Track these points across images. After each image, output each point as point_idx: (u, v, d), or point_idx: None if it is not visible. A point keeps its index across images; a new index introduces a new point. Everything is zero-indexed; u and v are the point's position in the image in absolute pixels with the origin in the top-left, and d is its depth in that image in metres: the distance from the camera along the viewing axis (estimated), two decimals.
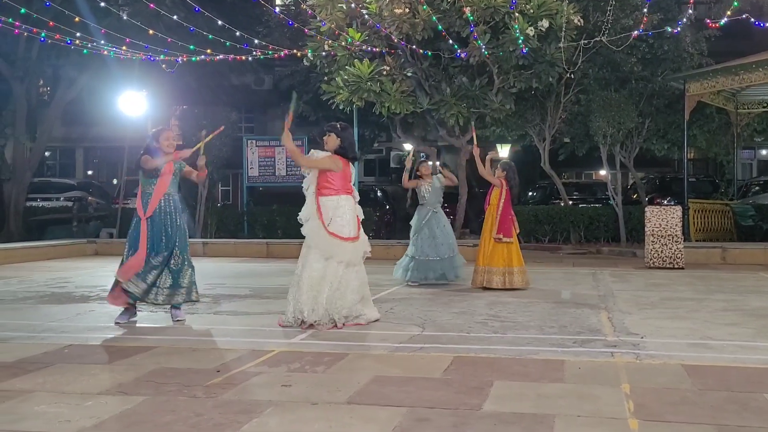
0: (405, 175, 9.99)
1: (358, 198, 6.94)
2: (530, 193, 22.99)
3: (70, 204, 20.28)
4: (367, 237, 6.95)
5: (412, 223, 10.08)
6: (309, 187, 6.72)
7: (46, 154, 27.15)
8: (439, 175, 10.13)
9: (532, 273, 11.57)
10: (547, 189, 21.43)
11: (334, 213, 6.59)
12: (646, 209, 12.74)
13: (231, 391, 4.46)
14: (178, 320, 6.92)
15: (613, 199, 16.76)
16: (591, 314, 7.36)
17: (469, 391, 4.44)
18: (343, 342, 5.95)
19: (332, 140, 6.74)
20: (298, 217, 6.79)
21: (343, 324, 6.52)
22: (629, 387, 4.52)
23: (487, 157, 9.95)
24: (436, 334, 6.33)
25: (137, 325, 6.93)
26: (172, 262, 6.83)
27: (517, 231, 9.57)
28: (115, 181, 26.66)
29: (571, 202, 18.81)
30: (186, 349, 5.73)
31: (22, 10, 11.83)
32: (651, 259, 12.27)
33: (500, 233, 9.24)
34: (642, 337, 6.14)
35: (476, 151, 9.70)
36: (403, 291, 9.29)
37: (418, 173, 10.03)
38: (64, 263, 13.49)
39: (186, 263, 6.92)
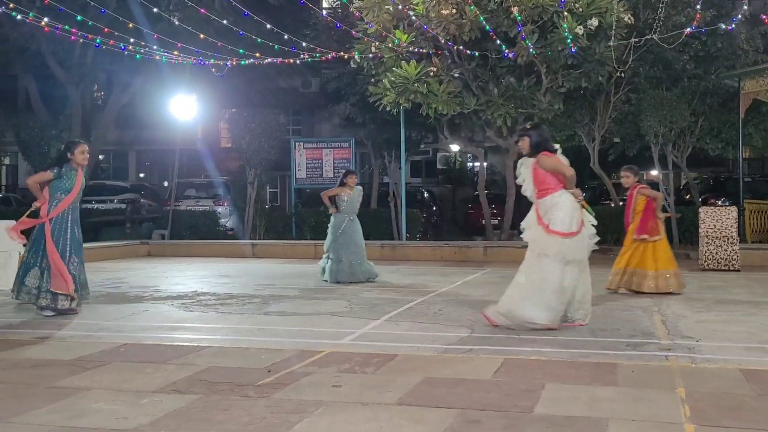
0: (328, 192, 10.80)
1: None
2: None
3: (123, 206, 20.74)
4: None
5: (329, 227, 10.70)
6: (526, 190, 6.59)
7: (100, 157, 27.78)
8: (359, 187, 10.87)
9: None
10: (596, 190, 21.16)
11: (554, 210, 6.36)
12: (700, 210, 12.47)
13: (282, 390, 4.51)
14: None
15: (666, 199, 16.43)
16: (644, 317, 7.23)
17: (519, 393, 4.41)
18: (392, 343, 5.96)
19: (525, 143, 6.55)
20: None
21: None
22: (685, 391, 4.43)
23: None
24: (485, 335, 6.30)
25: (189, 324, 7.05)
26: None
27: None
28: (166, 184, 27.18)
29: (621, 203, 18.50)
30: (237, 348, 5.81)
31: (78, 18, 12.14)
32: (705, 261, 12.00)
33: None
34: (697, 341, 6.02)
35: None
36: (451, 292, 9.27)
37: (344, 181, 10.66)
38: (118, 264, 13.80)
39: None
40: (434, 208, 23.19)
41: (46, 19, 11.67)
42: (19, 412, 4.10)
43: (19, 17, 11.89)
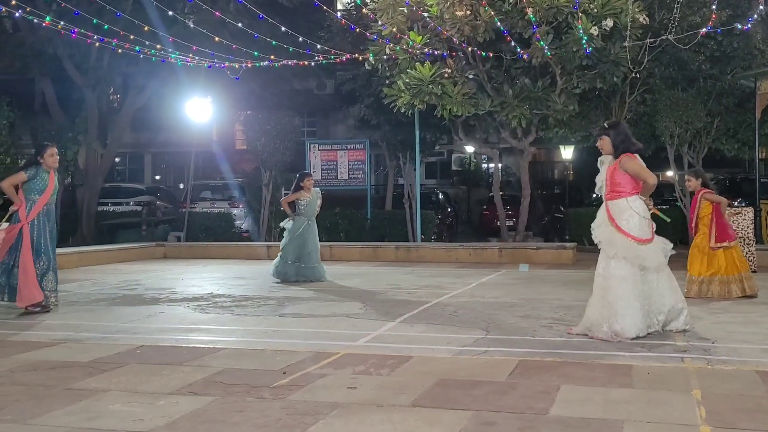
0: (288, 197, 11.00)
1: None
2: (594, 195, 22.59)
3: (139, 208, 20.88)
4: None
5: (287, 229, 10.98)
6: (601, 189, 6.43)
7: (116, 159, 27.98)
8: (317, 189, 11.26)
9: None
10: None
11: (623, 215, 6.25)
12: None
13: (297, 392, 4.53)
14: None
15: (681, 200, 16.34)
16: None
17: (535, 395, 4.40)
18: (406, 345, 5.97)
19: (606, 143, 6.39)
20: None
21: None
22: (700, 393, 4.41)
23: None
24: (500, 337, 6.29)
25: (205, 326, 7.09)
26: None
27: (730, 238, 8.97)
28: (181, 186, 27.31)
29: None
30: (252, 350, 5.84)
31: (94, 21, 12.23)
32: None
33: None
34: (713, 342, 5.98)
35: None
36: (466, 294, 9.26)
37: (300, 185, 10.87)
38: (134, 266, 13.89)
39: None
40: (449, 210, 23.15)
41: (62, 23, 11.77)
42: (37, 413, 4.14)
43: (35, 21, 12.00)
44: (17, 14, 10.42)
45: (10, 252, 7.67)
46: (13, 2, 10.43)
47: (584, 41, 12.92)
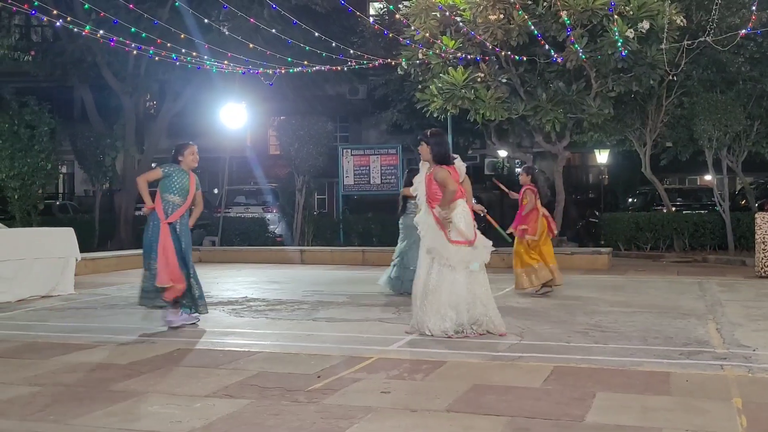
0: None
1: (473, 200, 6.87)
2: (630, 200, 22.34)
3: None
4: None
5: (405, 230, 9.74)
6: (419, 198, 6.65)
7: (153, 165, 28.34)
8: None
9: (632, 281, 11.27)
10: (648, 195, 20.77)
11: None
12: (757, 216, 12.15)
13: (331, 396, 4.55)
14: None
15: (720, 205, 16.08)
16: (698, 325, 7.08)
17: (570, 401, 4.36)
18: (440, 350, 5.95)
19: (424, 150, 6.60)
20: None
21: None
22: (741, 401, 4.33)
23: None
24: (534, 343, 6.25)
25: (240, 330, 7.15)
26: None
27: (553, 235, 10.02)
28: (216, 191, 27.60)
29: (674, 209, 18.17)
30: (287, 354, 5.87)
31: (132, 30, 12.44)
32: (762, 268, 11.68)
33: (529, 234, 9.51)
34: (754, 350, 5.87)
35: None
36: (500, 299, 9.20)
37: (411, 181, 9.89)
38: None
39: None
40: (482, 215, 23.04)
41: (101, 32, 11.98)
42: (78, 414, 4.22)
43: (75, 30, 12.24)
44: (58, 24, 10.65)
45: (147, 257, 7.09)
46: (54, 12, 10.65)
47: (620, 44, 12.80)
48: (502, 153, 26.69)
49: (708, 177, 19.59)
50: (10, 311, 8.48)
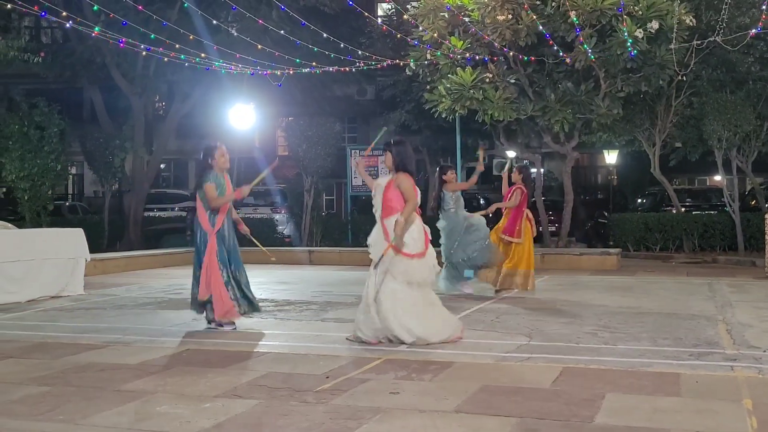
0: (475, 178, 10.02)
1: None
2: (639, 200, 22.27)
3: (184, 214, 21.16)
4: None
5: (444, 228, 9.62)
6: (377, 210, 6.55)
7: (162, 166, 28.47)
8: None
9: (642, 282, 11.23)
10: (657, 196, 20.70)
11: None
12: (767, 216, 12.09)
13: (340, 397, 4.55)
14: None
15: (730, 205, 16.01)
16: (707, 326, 7.05)
17: (579, 402, 4.35)
18: (449, 350, 5.95)
19: (388, 158, 6.50)
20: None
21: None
22: (751, 402, 4.31)
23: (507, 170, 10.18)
24: (543, 344, 6.23)
25: (248, 330, 7.16)
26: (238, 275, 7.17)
27: (534, 234, 9.87)
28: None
29: (683, 210, 18.10)
30: (295, 355, 5.88)
31: (141, 31, 12.49)
32: None
33: (504, 233, 9.47)
34: (764, 351, 5.84)
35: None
36: (508, 300, 9.19)
37: (444, 178, 9.72)
38: (180, 270, 14.07)
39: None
40: (490, 215, 23.02)
41: (110, 33, 12.03)
42: (88, 414, 4.23)
43: (85, 31, 12.29)
44: (68, 25, 10.70)
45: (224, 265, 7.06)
46: (64, 14, 10.70)
47: (629, 44, 12.77)
48: (511, 153, 26.69)
49: (717, 177, 19.51)
50: (20, 311, 8.53)
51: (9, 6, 9.29)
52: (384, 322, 6.18)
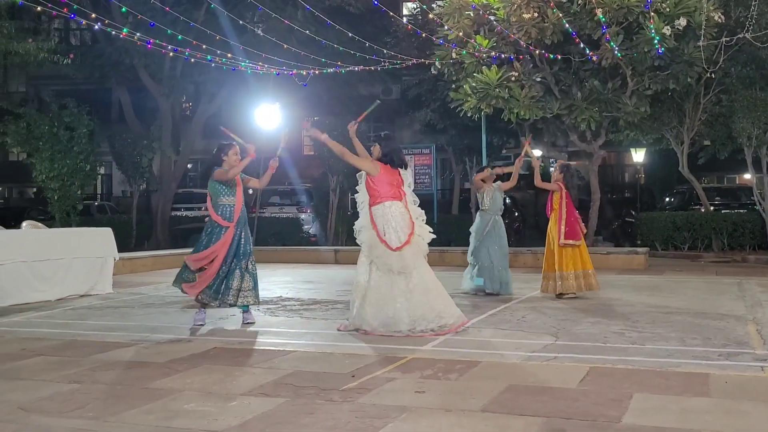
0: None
1: (417, 201, 7.02)
2: (667, 199, 22.04)
3: None
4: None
5: (474, 229, 9.78)
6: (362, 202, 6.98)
7: (189, 166, 28.67)
8: (499, 182, 9.90)
9: (670, 281, 11.12)
10: (685, 194, 20.47)
11: (384, 221, 6.67)
12: None
13: (366, 395, 4.55)
14: (248, 323, 7.31)
15: (760, 204, 15.78)
16: (737, 326, 6.96)
17: (607, 402, 4.31)
18: (474, 350, 5.93)
19: (376, 150, 6.99)
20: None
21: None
22: None
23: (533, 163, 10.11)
24: (570, 343, 6.19)
25: (275, 329, 7.20)
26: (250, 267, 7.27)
27: (584, 232, 9.46)
28: (251, 191, 27.84)
29: (712, 208, 17.87)
30: (321, 353, 5.90)
31: (168, 32, 12.59)
32: None
33: (568, 239, 9.05)
34: None
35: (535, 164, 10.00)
36: (535, 300, 9.14)
37: (483, 180, 9.85)
38: None
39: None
40: (516, 214, 22.89)
41: (138, 34, 12.15)
42: (116, 411, 4.29)
43: (113, 33, 12.44)
44: (96, 27, 10.82)
45: (225, 261, 7.13)
46: (93, 15, 10.83)
47: (656, 41, 12.63)
48: (537, 152, 26.54)
49: (747, 176, 19.25)
50: (50, 310, 8.66)
51: (38, 8, 9.43)
52: (378, 311, 6.56)
